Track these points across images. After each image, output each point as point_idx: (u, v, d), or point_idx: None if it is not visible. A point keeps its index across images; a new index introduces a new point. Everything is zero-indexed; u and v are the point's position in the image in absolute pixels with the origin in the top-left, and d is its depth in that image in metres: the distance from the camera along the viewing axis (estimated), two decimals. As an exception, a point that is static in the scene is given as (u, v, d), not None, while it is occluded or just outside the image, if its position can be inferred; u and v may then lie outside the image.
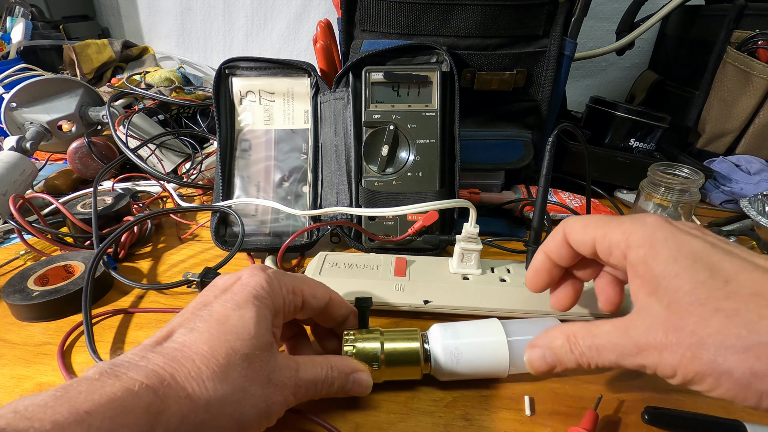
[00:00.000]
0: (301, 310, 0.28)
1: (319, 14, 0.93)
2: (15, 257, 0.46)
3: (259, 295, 0.25)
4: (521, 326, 0.31)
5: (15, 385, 0.31)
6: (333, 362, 0.27)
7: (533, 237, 0.38)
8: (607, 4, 0.84)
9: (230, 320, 0.24)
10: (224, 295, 0.25)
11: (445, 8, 0.47)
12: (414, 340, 0.30)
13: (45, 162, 0.67)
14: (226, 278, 0.27)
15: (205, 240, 0.50)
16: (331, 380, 0.27)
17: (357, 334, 0.30)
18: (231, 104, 0.50)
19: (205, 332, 0.23)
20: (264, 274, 0.27)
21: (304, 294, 0.28)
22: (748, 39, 0.60)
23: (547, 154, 0.36)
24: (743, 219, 0.55)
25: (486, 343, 0.29)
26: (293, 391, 0.25)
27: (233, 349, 0.23)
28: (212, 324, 0.23)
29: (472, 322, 0.31)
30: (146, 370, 0.21)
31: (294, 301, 0.28)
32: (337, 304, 0.30)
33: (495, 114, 0.54)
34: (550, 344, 0.26)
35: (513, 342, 0.29)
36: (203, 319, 0.24)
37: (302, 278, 0.29)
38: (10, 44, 0.85)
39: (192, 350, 0.22)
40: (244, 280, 0.26)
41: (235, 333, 0.23)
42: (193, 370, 0.21)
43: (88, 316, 0.34)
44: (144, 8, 1.00)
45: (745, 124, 0.63)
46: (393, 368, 0.29)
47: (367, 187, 0.45)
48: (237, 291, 0.26)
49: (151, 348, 0.22)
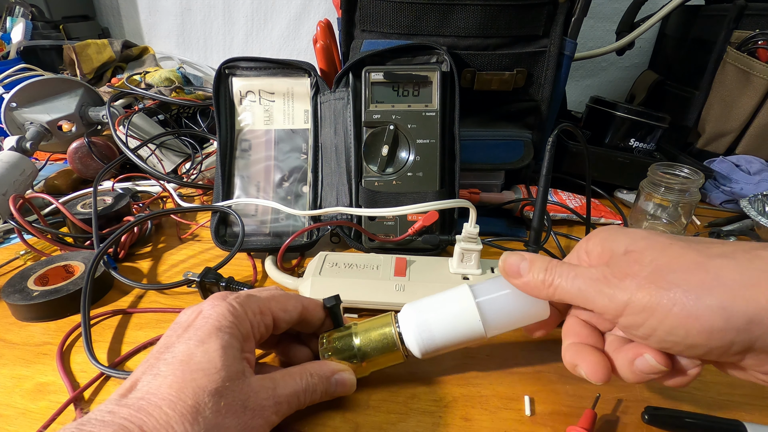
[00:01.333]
0: (275, 327, 0.28)
1: (319, 14, 0.93)
2: (15, 257, 0.46)
3: (222, 326, 0.25)
4: (489, 285, 0.29)
5: (15, 385, 0.31)
6: (311, 369, 0.27)
7: (533, 237, 0.39)
8: (607, 4, 0.84)
9: (194, 358, 0.23)
10: (186, 333, 0.25)
11: (445, 8, 0.47)
12: (386, 326, 0.29)
13: (45, 162, 0.67)
14: (188, 314, 0.27)
15: (205, 240, 0.50)
16: (313, 387, 0.27)
17: (331, 336, 0.30)
18: (231, 104, 0.50)
19: (169, 376, 0.22)
20: (225, 303, 0.26)
21: (273, 311, 0.28)
22: (748, 39, 0.60)
23: (547, 154, 0.36)
24: (743, 219, 0.55)
25: (455, 312, 0.28)
26: (274, 410, 0.25)
27: (200, 387, 0.22)
28: (176, 366, 0.23)
29: (439, 294, 0.30)
30: (113, 426, 0.20)
31: (263, 320, 0.27)
32: (311, 311, 0.30)
33: (495, 114, 0.54)
34: (533, 258, 0.26)
35: (482, 303, 0.28)
36: (167, 362, 0.23)
37: (269, 296, 0.29)
38: (10, 44, 0.85)
39: (158, 397, 0.21)
40: (206, 313, 0.26)
41: (201, 370, 0.23)
42: (161, 418, 0.21)
43: (87, 317, 0.34)
44: (144, 8, 1.00)
45: (745, 124, 0.63)
46: (373, 359, 0.29)
47: (367, 187, 0.45)
48: (199, 326, 0.25)
49: (116, 401, 0.22)
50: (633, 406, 0.29)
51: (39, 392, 0.30)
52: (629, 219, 0.54)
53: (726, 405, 0.30)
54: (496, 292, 0.28)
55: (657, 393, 0.31)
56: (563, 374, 0.32)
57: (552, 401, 0.30)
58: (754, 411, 0.29)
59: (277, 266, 0.43)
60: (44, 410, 0.29)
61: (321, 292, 0.37)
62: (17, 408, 0.29)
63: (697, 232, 0.54)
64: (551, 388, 0.31)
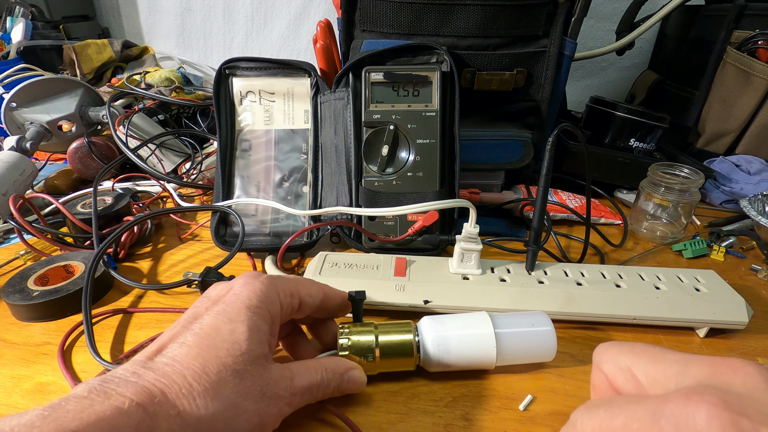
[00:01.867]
0: (298, 311, 0.28)
1: (319, 14, 0.93)
2: (15, 257, 0.46)
3: (252, 305, 0.25)
4: (509, 319, 0.31)
5: (15, 385, 0.31)
6: (326, 364, 0.27)
7: (533, 237, 0.39)
8: (607, 4, 0.84)
9: (221, 334, 0.23)
10: (216, 307, 0.25)
11: (445, 8, 0.47)
12: (408, 333, 0.30)
13: (45, 162, 0.67)
14: (219, 288, 0.27)
15: (205, 240, 0.50)
16: (327, 382, 0.27)
17: (352, 327, 0.31)
18: (231, 104, 0.50)
19: (195, 347, 0.22)
20: (257, 282, 0.26)
21: (300, 295, 0.28)
22: (748, 39, 0.60)
23: (547, 154, 0.36)
24: (743, 219, 0.55)
25: (474, 335, 0.30)
26: (288, 401, 0.25)
27: (224, 365, 0.22)
28: (203, 338, 0.23)
29: (461, 315, 0.32)
30: (137, 387, 0.20)
31: (291, 303, 0.27)
32: (331, 297, 0.30)
33: (495, 114, 0.54)
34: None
35: (500, 334, 0.30)
36: (194, 333, 0.23)
37: (296, 279, 0.29)
38: (10, 44, 0.85)
39: (183, 366, 0.22)
40: (237, 290, 0.26)
41: (226, 348, 0.23)
42: (184, 387, 0.21)
43: (89, 316, 0.34)
44: (144, 8, 1.00)
45: (745, 124, 0.63)
46: (387, 360, 0.30)
47: (367, 187, 0.45)
48: (229, 302, 0.25)
49: (142, 363, 0.22)
50: (633, 406, 0.29)
51: (39, 392, 0.30)
52: (629, 219, 0.54)
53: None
54: (515, 327, 0.31)
55: (657, 393, 0.31)
56: (563, 374, 0.32)
57: (552, 401, 0.30)
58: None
59: (277, 266, 0.43)
60: (44, 410, 0.29)
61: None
62: (17, 408, 0.29)
63: (697, 232, 0.54)
64: (551, 388, 0.31)
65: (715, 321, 0.35)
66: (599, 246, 0.49)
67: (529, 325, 0.31)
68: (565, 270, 0.39)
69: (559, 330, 0.31)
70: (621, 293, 0.36)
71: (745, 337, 0.37)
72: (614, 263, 0.46)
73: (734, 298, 0.36)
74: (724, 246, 0.49)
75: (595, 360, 0.23)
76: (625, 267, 0.40)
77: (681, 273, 0.39)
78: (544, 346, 0.31)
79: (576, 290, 0.36)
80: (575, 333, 0.36)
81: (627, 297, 0.36)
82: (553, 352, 0.31)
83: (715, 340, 0.36)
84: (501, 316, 0.31)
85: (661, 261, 0.48)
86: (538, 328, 0.31)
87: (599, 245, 0.49)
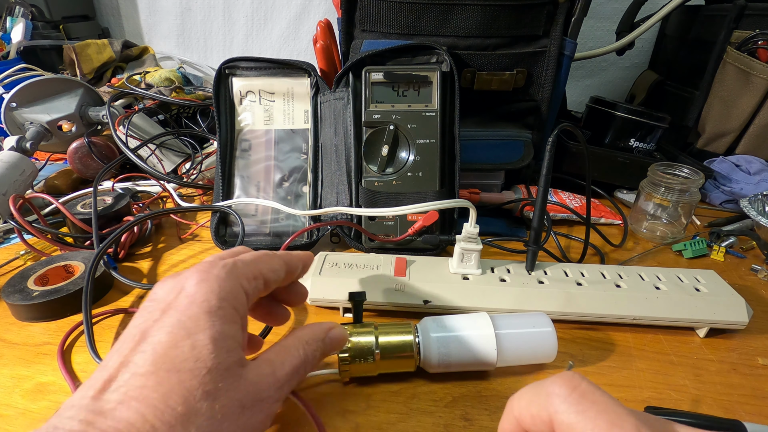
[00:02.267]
0: (264, 289, 0.26)
1: (319, 14, 0.93)
2: (15, 257, 0.46)
3: (212, 308, 0.21)
4: (510, 320, 0.31)
5: (15, 385, 0.31)
6: (305, 337, 0.26)
7: (533, 237, 0.39)
8: (607, 4, 0.84)
9: (180, 354, 0.19)
10: (166, 318, 0.21)
11: (445, 8, 0.47)
12: (408, 333, 0.30)
13: (45, 162, 0.67)
14: (167, 288, 0.22)
15: (205, 240, 0.50)
16: (312, 354, 0.25)
17: (352, 328, 0.31)
18: (231, 104, 0.50)
19: (152, 375, 0.19)
20: (213, 276, 0.22)
21: (264, 274, 0.25)
22: (748, 39, 0.60)
23: (547, 154, 0.36)
24: (743, 219, 0.55)
25: (475, 336, 0.30)
26: (276, 398, 0.23)
27: (190, 390, 0.19)
28: (159, 362, 0.19)
29: (461, 316, 0.32)
30: None
31: (256, 286, 0.25)
32: (293, 264, 0.28)
33: (495, 114, 0.54)
34: None
35: (501, 335, 0.30)
36: (146, 356, 0.19)
37: (257, 258, 0.26)
38: (10, 44, 0.85)
39: (141, 401, 0.18)
40: (190, 290, 0.22)
41: (189, 369, 0.19)
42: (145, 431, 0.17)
43: (89, 316, 0.34)
44: (144, 8, 1.00)
45: (745, 124, 0.63)
46: (388, 361, 0.30)
47: (367, 187, 0.45)
48: (183, 308, 0.21)
49: (91, 405, 0.18)
50: (633, 405, 0.29)
51: (39, 392, 0.30)
52: (629, 219, 0.54)
53: (726, 405, 0.30)
54: (516, 328, 0.31)
55: (657, 393, 0.31)
56: (563, 374, 0.32)
57: (552, 401, 0.30)
58: (754, 411, 0.30)
59: (277, 266, 0.43)
60: (44, 410, 0.29)
61: (321, 292, 0.37)
62: (17, 408, 0.29)
63: (697, 232, 0.54)
64: (551, 388, 0.31)
65: (715, 321, 0.35)
66: (599, 246, 0.49)
67: (529, 326, 0.31)
68: (565, 270, 0.39)
69: (559, 330, 0.31)
70: (621, 293, 0.36)
71: (745, 337, 0.37)
72: (614, 263, 0.46)
73: (734, 298, 0.36)
74: (724, 246, 0.49)
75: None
76: (625, 267, 0.40)
77: (681, 273, 0.39)
78: (544, 347, 0.31)
79: (576, 290, 0.37)
80: (575, 333, 0.36)
81: (627, 297, 0.36)
82: (553, 353, 0.31)
83: (715, 340, 0.36)
84: (501, 317, 0.31)
85: (661, 261, 0.48)
86: (539, 329, 0.31)
87: (599, 245, 0.49)
